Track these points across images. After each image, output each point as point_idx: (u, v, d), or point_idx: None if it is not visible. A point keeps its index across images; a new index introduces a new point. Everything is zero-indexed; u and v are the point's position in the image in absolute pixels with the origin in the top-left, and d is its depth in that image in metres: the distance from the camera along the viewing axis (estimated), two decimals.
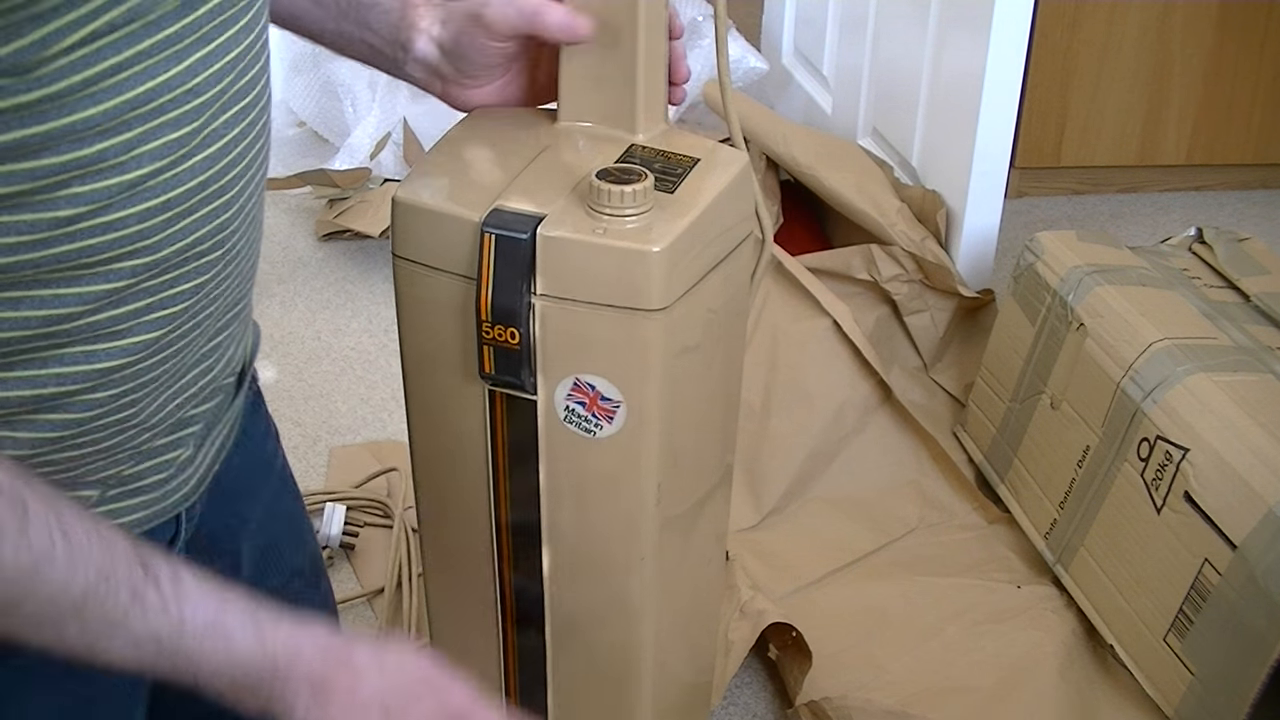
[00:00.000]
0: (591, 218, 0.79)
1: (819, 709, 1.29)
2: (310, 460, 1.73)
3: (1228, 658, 1.25)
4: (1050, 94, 2.29)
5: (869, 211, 1.82)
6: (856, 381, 1.69)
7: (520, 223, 0.78)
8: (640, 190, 0.78)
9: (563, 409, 0.83)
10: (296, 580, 0.92)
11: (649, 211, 0.79)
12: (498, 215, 0.79)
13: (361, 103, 2.35)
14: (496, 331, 0.80)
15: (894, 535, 1.59)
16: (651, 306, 0.79)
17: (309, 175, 2.24)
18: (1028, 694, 1.35)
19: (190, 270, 0.67)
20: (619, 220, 0.78)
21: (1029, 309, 1.59)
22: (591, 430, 0.83)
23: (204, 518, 0.80)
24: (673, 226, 0.79)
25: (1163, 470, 1.33)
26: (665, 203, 0.80)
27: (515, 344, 0.80)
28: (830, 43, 2.27)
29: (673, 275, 0.79)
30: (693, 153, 0.85)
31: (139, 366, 0.68)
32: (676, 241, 0.79)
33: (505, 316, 0.80)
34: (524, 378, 0.82)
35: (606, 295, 0.79)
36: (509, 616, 0.94)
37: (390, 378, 1.91)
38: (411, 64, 0.87)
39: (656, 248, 0.78)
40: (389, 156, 2.31)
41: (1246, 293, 1.54)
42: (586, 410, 0.83)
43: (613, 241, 0.78)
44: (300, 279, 2.16)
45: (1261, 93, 2.35)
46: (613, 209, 0.78)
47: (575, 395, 0.82)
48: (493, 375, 0.82)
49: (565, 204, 0.80)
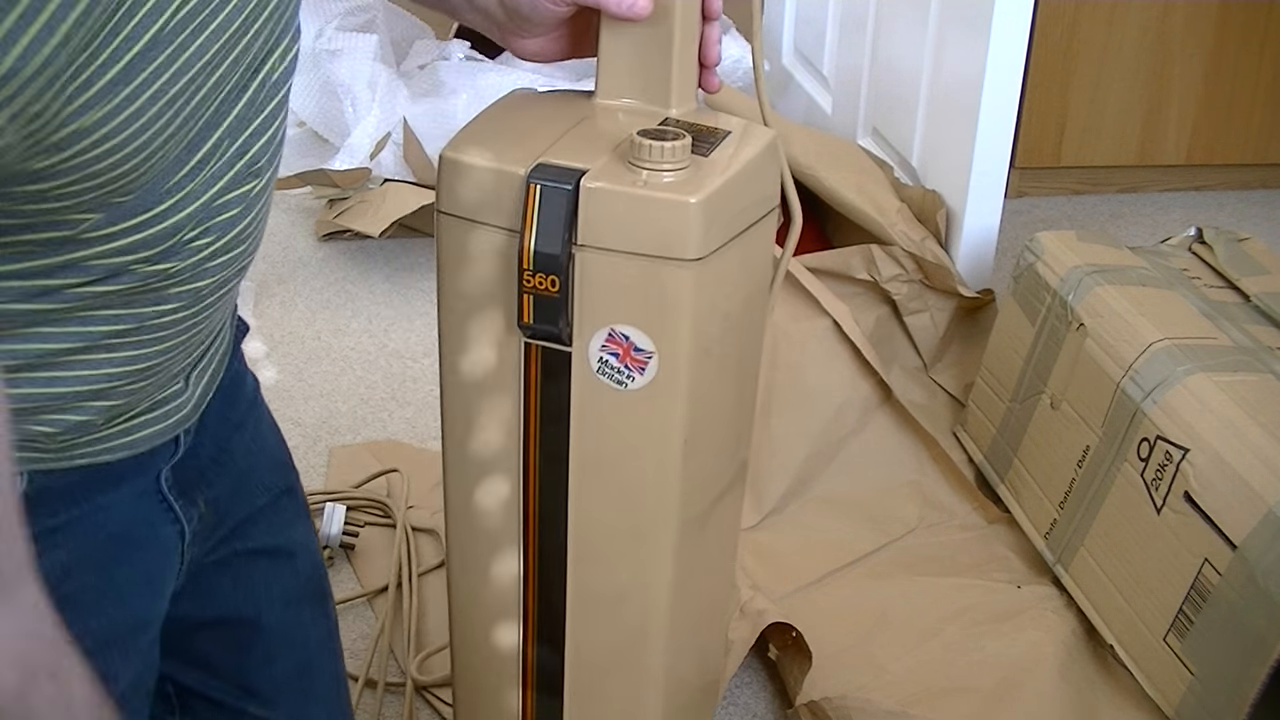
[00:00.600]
0: (632, 172, 0.83)
1: (819, 709, 1.29)
2: (310, 460, 1.73)
3: (1228, 658, 1.25)
4: (1050, 94, 2.29)
5: (869, 211, 1.82)
6: (856, 381, 1.69)
7: (564, 175, 0.83)
8: (679, 146, 0.83)
9: (596, 360, 0.86)
10: (284, 498, 1.01)
11: (687, 168, 0.83)
12: (543, 169, 0.84)
13: (361, 103, 2.35)
14: (537, 280, 0.84)
15: (894, 535, 1.59)
16: (688, 256, 0.83)
17: (309, 175, 2.24)
18: (1028, 694, 1.35)
19: (222, 263, 0.78)
20: (658, 174, 0.83)
21: (1029, 309, 1.59)
22: (623, 382, 0.87)
23: (198, 439, 0.90)
24: (710, 182, 0.83)
25: (1163, 470, 1.33)
26: (701, 164, 0.85)
27: (555, 292, 0.84)
28: (830, 43, 2.27)
29: (709, 228, 0.83)
30: (725, 127, 0.90)
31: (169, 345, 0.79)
32: (713, 194, 0.83)
33: (547, 264, 0.83)
34: (561, 327, 0.85)
35: (645, 245, 0.83)
36: (530, 586, 0.96)
37: (390, 378, 1.91)
38: (470, 11, 0.92)
39: (694, 198, 0.82)
40: (389, 156, 2.31)
41: (1246, 293, 1.54)
42: (619, 361, 0.86)
43: (652, 193, 0.82)
44: (300, 279, 2.16)
45: (1261, 93, 2.35)
46: (653, 163, 0.82)
47: (609, 346, 0.86)
48: (531, 325, 0.86)
49: (607, 161, 0.84)
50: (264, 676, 0.98)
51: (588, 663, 0.98)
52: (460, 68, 2.37)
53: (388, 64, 2.35)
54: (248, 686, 0.97)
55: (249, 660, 0.98)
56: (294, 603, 1.01)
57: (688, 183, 0.83)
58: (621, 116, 0.90)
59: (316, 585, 1.04)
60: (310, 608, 1.02)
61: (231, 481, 0.95)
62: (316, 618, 1.02)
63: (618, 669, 0.98)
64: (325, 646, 1.02)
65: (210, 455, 0.92)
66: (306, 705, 0.99)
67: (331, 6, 2.42)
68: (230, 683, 0.98)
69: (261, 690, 0.98)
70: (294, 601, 1.01)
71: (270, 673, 0.98)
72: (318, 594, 1.04)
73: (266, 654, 0.99)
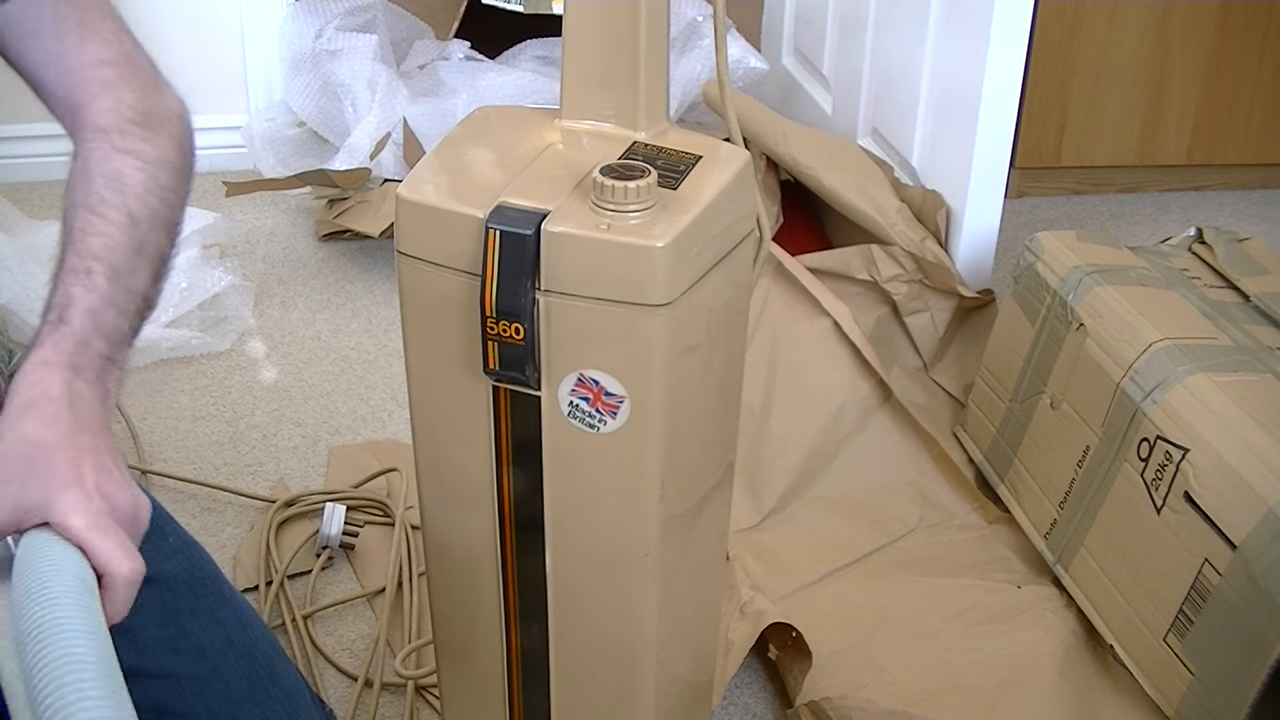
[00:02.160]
0: (595, 214, 0.79)
1: (819, 709, 1.29)
2: (310, 460, 1.73)
3: (1228, 658, 1.25)
4: (1050, 94, 2.29)
5: (869, 211, 1.82)
6: (856, 381, 1.69)
7: (524, 219, 0.79)
8: (644, 186, 0.79)
9: (566, 405, 0.84)
10: None
11: (652, 208, 0.80)
12: (502, 212, 0.80)
13: (361, 103, 2.34)
14: (501, 327, 0.81)
15: (894, 535, 1.59)
16: (655, 302, 0.80)
17: (309, 175, 2.24)
18: (1028, 694, 1.35)
19: None
20: (623, 216, 0.79)
21: (1029, 309, 1.59)
22: (595, 426, 0.84)
23: None
24: (676, 222, 0.80)
25: (1163, 470, 1.33)
26: (668, 199, 0.81)
27: (520, 339, 0.81)
28: (830, 43, 2.27)
29: (676, 271, 0.80)
30: (695, 150, 0.86)
31: None
32: (680, 237, 0.79)
33: (509, 312, 0.80)
34: (528, 373, 0.82)
35: (610, 291, 0.80)
36: (512, 613, 0.95)
37: (390, 378, 1.91)
38: None
39: (660, 243, 0.78)
40: (389, 156, 2.31)
41: (1246, 293, 1.54)
42: (590, 406, 0.83)
43: (617, 237, 0.79)
44: (300, 279, 2.16)
45: (1261, 93, 2.35)
46: (616, 205, 0.79)
47: (579, 391, 0.83)
48: (497, 371, 0.83)
49: (569, 200, 0.81)
50: (168, 693, 0.93)
51: (570, 685, 0.97)
52: (460, 68, 2.37)
53: (388, 64, 2.35)
54: (157, 707, 0.93)
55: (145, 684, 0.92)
56: (169, 618, 0.95)
57: (654, 225, 0.79)
58: (586, 142, 0.87)
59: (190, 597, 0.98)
60: (190, 619, 0.96)
61: None
62: (205, 626, 0.97)
63: (604, 684, 0.97)
64: (228, 651, 0.97)
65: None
66: (225, 709, 0.95)
67: (331, 6, 2.42)
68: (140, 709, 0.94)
69: (174, 707, 0.93)
70: (169, 617, 0.95)
71: (174, 687, 0.94)
72: (196, 605, 0.98)
73: (164, 670, 0.94)
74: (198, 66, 2.46)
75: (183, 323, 1.98)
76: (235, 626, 1.00)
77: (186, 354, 1.95)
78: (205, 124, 2.52)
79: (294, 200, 2.37)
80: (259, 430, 1.78)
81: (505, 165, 0.84)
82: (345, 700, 1.35)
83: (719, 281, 0.86)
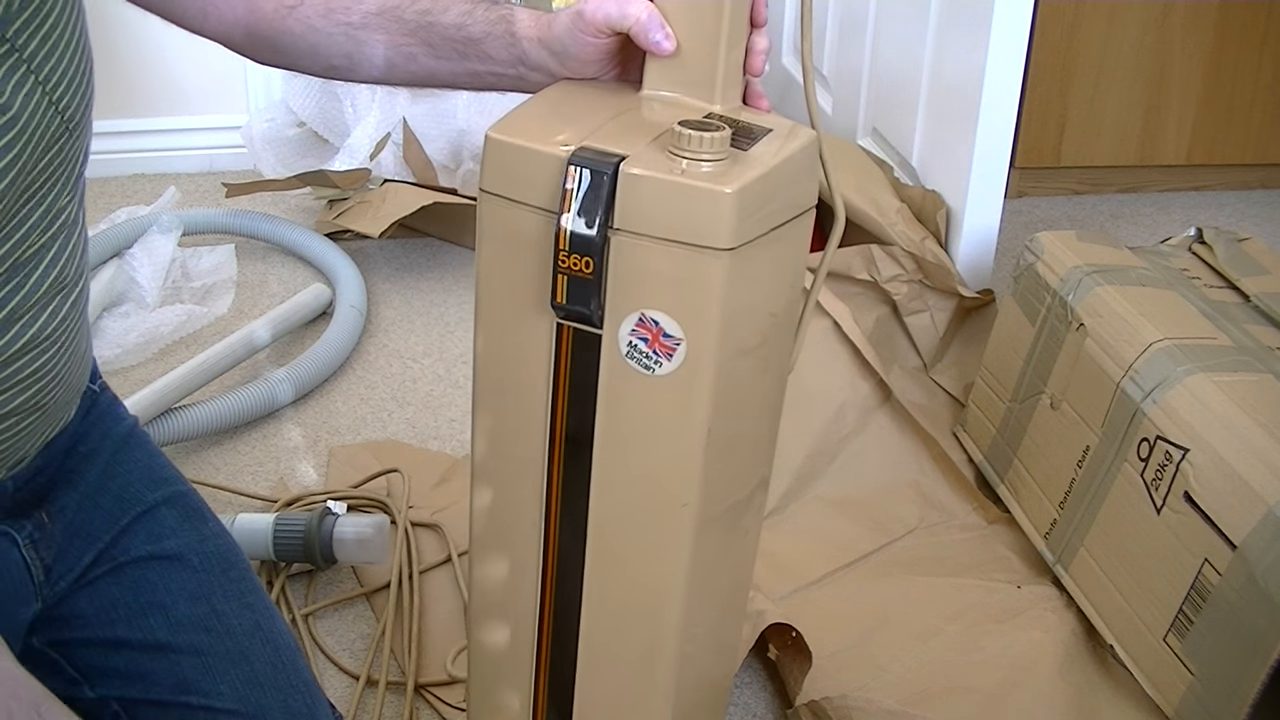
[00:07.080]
0: (671, 160, 0.84)
1: (819, 709, 1.29)
2: (310, 460, 1.73)
3: (1228, 658, 1.25)
4: (1050, 94, 2.29)
5: (869, 211, 1.82)
6: (856, 381, 1.70)
7: (604, 159, 0.85)
8: (718, 138, 0.84)
9: (625, 344, 0.88)
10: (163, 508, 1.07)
11: (725, 160, 0.85)
12: (584, 151, 0.85)
13: (361, 103, 2.35)
14: (572, 261, 0.86)
15: (894, 535, 1.59)
16: (721, 245, 0.84)
17: (309, 175, 2.24)
18: (1028, 694, 1.35)
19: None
20: (696, 164, 0.84)
21: (1029, 309, 1.59)
22: (651, 367, 0.88)
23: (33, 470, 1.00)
24: (747, 174, 0.85)
25: (1163, 470, 1.34)
26: (739, 157, 0.86)
27: (589, 273, 0.86)
28: (830, 43, 2.28)
29: (743, 218, 0.84)
30: (766, 124, 0.92)
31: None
32: (748, 187, 0.84)
33: (583, 246, 0.85)
34: (593, 309, 0.87)
35: (679, 232, 0.84)
36: (550, 557, 0.98)
37: (390, 378, 1.91)
38: (532, 74, 0.99)
39: (730, 188, 0.83)
40: (389, 157, 2.31)
41: (1246, 293, 1.54)
42: (649, 346, 0.87)
43: (690, 180, 0.83)
44: (300, 279, 2.16)
45: (1261, 93, 2.36)
46: (691, 152, 0.84)
47: (639, 331, 0.87)
48: (564, 305, 0.88)
49: (647, 149, 0.86)
50: (195, 670, 1.00)
51: (601, 654, 0.99)
52: None
53: None
54: (182, 684, 0.99)
55: (174, 659, 1.00)
56: (202, 598, 1.03)
57: (725, 173, 0.84)
58: (665, 108, 0.92)
59: (224, 579, 1.06)
60: (222, 600, 1.04)
61: (81, 497, 1.03)
62: (236, 609, 1.04)
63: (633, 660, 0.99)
64: (255, 635, 1.03)
65: (49, 478, 1.01)
66: (249, 692, 1.00)
67: None
68: (165, 685, 1.00)
69: (199, 684, 0.99)
70: (201, 597, 1.03)
71: (201, 664, 1.00)
72: (229, 589, 1.05)
73: (193, 647, 1.01)
74: (198, 66, 2.47)
75: (174, 299, 2.07)
76: (264, 614, 1.06)
77: (190, 330, 2.01)
78: (205, 124, 2.55)
79: (294, 200, 2.37)
80: (259, 430, 1.78)
81: (588, 120, 0.90)
82: (344, 700, 1.36)
83: (777, 249, 0.91)
